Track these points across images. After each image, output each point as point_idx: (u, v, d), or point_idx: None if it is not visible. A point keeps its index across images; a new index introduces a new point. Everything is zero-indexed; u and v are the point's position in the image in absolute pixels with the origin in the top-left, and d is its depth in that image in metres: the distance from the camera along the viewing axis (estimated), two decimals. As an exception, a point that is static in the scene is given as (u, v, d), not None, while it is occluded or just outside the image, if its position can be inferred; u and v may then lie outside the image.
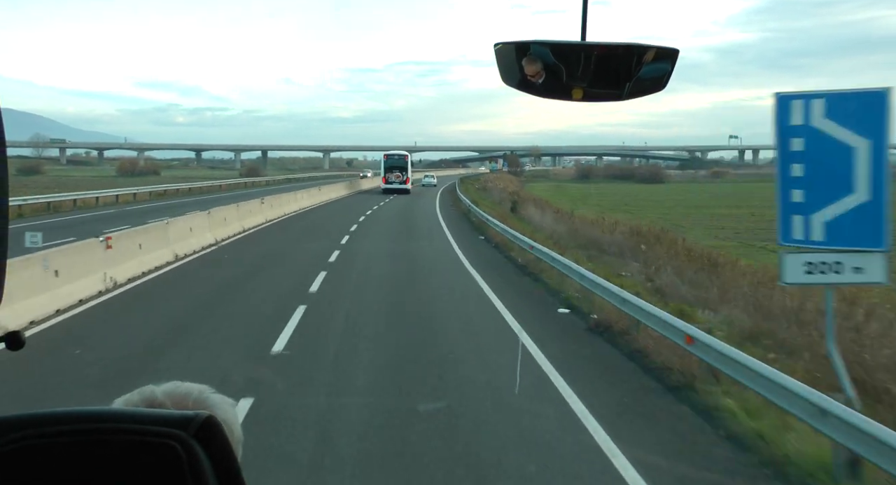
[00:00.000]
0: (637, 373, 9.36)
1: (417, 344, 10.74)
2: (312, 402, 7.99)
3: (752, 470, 6.40)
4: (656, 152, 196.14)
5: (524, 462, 6.40)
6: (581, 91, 1.93)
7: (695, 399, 8.06)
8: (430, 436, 6.96)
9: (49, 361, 9.33)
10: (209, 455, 0.99)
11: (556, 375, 8.98)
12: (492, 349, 10.48)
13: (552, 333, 11.58)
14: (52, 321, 11.78)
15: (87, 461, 0.96)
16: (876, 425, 5.46)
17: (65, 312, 12.36)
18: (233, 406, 1.23)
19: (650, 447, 6.76)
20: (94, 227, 24.61)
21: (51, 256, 12.82)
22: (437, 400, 8.00)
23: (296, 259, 20.40)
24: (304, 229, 29.64)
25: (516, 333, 11.07)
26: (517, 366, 8.72)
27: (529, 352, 9.90)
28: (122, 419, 1.02)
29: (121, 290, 14.73)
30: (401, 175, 60.39)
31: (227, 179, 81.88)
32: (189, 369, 8.97)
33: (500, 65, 1.95)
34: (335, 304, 13.66)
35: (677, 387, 8.54)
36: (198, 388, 1.21)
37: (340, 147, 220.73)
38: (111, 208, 38.96)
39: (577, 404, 7.89)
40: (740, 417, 7.38)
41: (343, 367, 9.45)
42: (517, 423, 7.37)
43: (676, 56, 1.93)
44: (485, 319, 12.65)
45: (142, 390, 1.19)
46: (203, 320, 12.39)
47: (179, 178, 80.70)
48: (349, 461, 6.38)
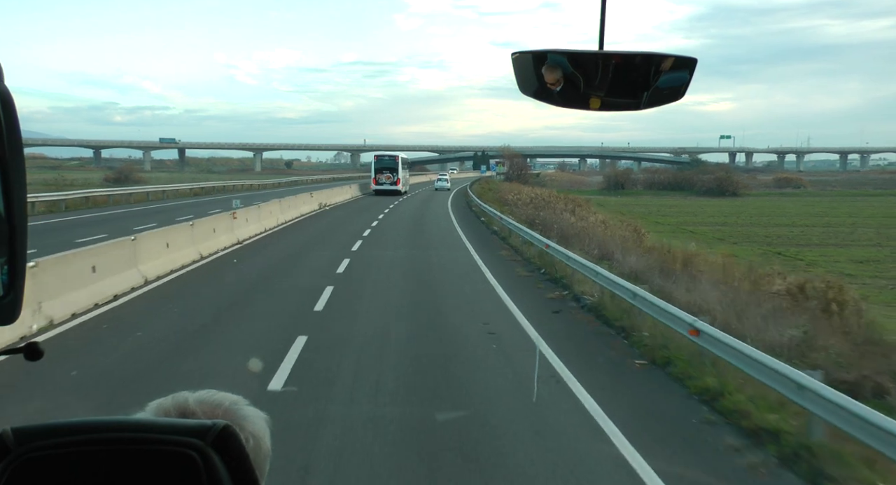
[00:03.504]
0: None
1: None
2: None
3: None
4: (651, 155, 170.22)
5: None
6: (599, 100, 1.90)
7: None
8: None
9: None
10: (226, 464, 1.00)
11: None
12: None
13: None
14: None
15: (105, 471, 0.97)
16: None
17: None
18: (264, 420, 1.22)
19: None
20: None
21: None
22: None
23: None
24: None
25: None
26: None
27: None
28: (140, 429, 1.03)
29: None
30: (391, 176, 58.16)
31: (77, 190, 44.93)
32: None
33: (517, 74, 1.92)
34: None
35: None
36: (231, 398, 1.21)
37: (277, 145, 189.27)
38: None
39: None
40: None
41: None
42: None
43: (695, 65, 1.89)
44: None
45: (176, 396, 1.18)
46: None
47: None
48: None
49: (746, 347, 8.26)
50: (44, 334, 10.92)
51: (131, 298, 13.95)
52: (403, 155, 64.42)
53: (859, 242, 36.17)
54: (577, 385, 8.75)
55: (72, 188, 47.06)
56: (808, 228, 42.67)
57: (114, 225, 26.90)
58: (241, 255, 20.90)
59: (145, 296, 14.33)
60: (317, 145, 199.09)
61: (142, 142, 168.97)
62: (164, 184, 59.22)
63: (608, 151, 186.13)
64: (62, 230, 24.52)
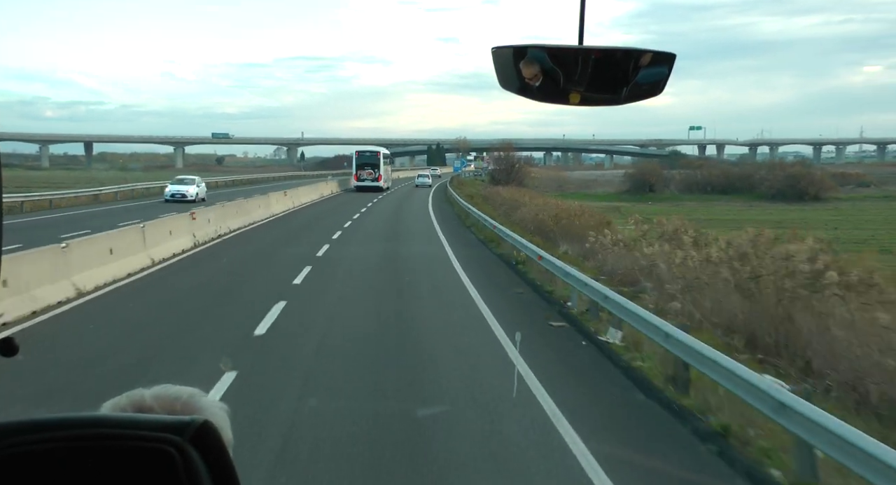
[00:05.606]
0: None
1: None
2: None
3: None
4: (625, 148, 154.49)
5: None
6: (578, 95, 1.88)
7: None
8: None
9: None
10: (205, 460, 0.99)
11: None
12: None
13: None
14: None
15: (82, 468, 0.96)
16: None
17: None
18: (224, 409, 1.21)
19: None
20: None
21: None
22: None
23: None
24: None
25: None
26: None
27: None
28: (117, 425, 1.02)
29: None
30: (373, 172, 57.08)
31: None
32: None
33: (497, 68, 1.90)
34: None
35: None
36: (188, 391, 1.20)
37: (201, 139, 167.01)
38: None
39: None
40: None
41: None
42: None
43: (674, 61, 1.88)
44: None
45: (130, 393, 1.17)
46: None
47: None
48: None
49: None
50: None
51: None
52: (385, 150, 60.64)
53: None
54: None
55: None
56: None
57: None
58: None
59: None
60: (248, 139, 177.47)
61: (42, 135, 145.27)
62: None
63: (574, 144, 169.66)
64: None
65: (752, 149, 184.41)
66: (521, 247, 19.06)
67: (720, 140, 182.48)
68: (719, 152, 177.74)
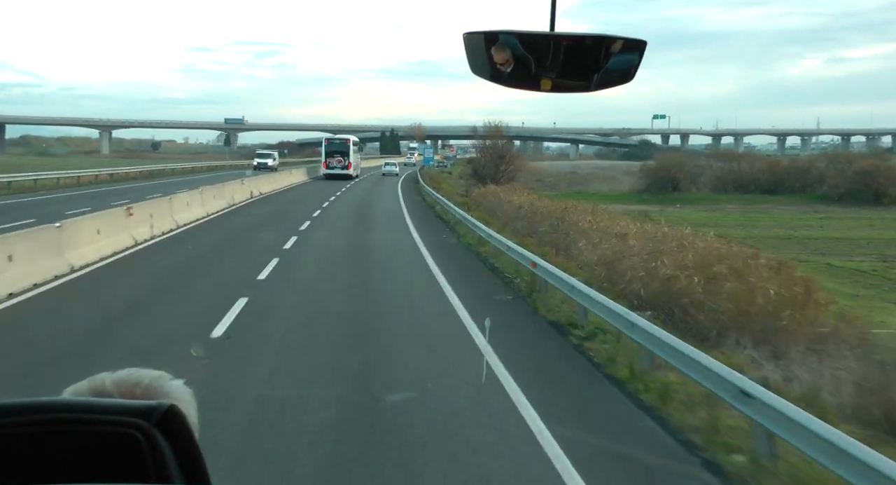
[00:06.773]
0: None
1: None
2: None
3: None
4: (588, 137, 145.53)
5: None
6: (550, 82, 1.86)
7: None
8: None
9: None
10: (171, 444, 0.98)
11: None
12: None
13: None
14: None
15: (47, 452, 0.95)
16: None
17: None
18: (190, 393, 1.17)
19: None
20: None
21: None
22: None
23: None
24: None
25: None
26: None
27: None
28: (85, 409, 1.00)
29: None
30: (342, 160, 54.82)
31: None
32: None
33: (468, 54, 1.88)
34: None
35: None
36: (151, 375, 1.15)
37: (133, 123, 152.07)
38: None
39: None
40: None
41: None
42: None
43: (644, 48, 1.86)
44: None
45: (93, 378, 1.13)
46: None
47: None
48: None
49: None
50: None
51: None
52: (354, 138, 59.72)
53: None
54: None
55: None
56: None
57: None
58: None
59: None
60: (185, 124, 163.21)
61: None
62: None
63: (536, 132, 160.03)
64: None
65: (717, 139, 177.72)
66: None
67: (684, 129, 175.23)
68: (683, 142, 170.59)
